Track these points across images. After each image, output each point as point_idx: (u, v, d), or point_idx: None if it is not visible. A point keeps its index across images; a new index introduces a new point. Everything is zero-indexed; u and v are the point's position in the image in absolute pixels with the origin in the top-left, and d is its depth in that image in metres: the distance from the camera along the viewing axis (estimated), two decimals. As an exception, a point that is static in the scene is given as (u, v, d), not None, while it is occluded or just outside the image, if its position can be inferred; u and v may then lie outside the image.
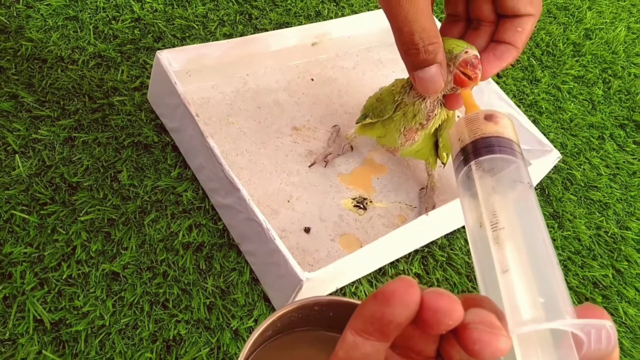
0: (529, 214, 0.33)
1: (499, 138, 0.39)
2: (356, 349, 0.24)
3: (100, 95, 0.61)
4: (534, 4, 0.46)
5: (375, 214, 0.62)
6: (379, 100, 0.58)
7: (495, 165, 0.37)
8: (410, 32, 0.44)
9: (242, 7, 0.77)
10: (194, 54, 0.61)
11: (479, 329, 0.22)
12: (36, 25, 0.65)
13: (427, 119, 0.55)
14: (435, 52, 0.45)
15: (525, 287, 0.27)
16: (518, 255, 0.29)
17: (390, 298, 0.23)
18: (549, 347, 0.25)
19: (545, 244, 0.30)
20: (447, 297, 0.23)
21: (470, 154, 0.38)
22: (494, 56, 0.49)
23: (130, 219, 0.54)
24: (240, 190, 0.51)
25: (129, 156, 0.58)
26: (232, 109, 0.65)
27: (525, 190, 0.35)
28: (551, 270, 0.28)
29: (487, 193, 0.35)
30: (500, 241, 0.30)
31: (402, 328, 0.23)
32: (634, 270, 0.67)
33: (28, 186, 0.53)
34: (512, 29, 0.48)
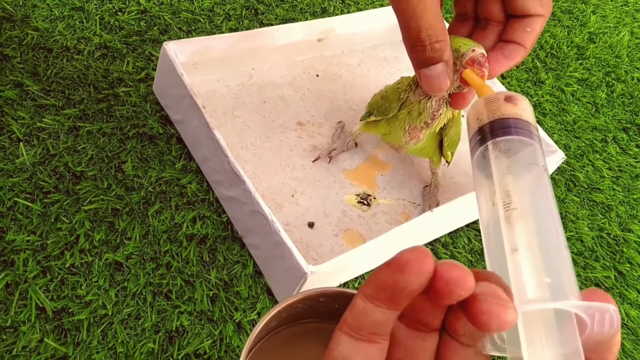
0: (542, 196, 0.33)
1: (518, 120, 0.39)
2: (366, 316, 0.24)
3: (105, 85, 0.61)
4: (544, 4, 0.46)
5: (378, 210, 0.62)
6: (383, 98, 0.58)
7: (512, 147, 0.37)
8: (417, 29, 0.44)
9: (249, 1, 0.77)
10: (200, 46, 0.61)
11: (487, 301, 0.22)
12: (42, 14, 0.65)
13: (433, 118, 0.54)
14: (441, 50, 0.45)
15: (532, 267, 0.28)
16: (528, 236, 0.30)
17: (405, 266, 0.23)
18: (552, 327, 0.25)
19: (556, 227, 0.31)
20: (460, 268, 0.23)
21: (488, 134, 0.38)
22: (502, 55, 0.48)
23: (134, 209, 0.54)
24: (245, 182, 0.51)
25: (133, 147, 0.58)
26: (237, 102, 0.65)
27: (540, 173, 0.35)
28: (560, 252, 0.29)
29: (502, 173, 0.35)
30: (512, 221, 0.31)
31: (413, 297, 0.24)
32: (636, 273, 0.67)
33: (32, 174, 0.53)
34: (521, 29, 0.48)
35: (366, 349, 0.25)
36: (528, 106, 0.39)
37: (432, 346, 0.26)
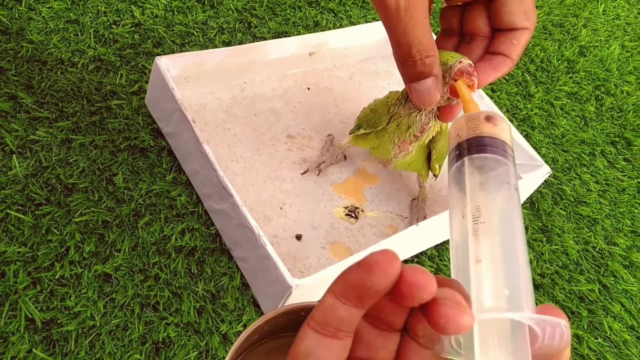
0: (510, 213, 0.35)
1: (494, 139, 0.40)
2: (333, 312, 0.25)
3: (98, 98, 0.62)
4: (529, 18, 0.48)
5: (366, 223, 0.63)
6: (373, 111, 0.59)
7: (487, 164, 0.39)
8: (408, 45, 0.45)
9: (242, 15, 0.78)
10: (192, 61, 0.62)
11: (446, 305, 0.24)
12: (37, 27, 0.66)
13: (422, 131, 0.55)
14: (431, 65, 0.46)
15: (493, 278, 0.29)
16: (492, 249, 0.31)
17: (374, 267, 0.24)
18: (505, 336, 0.26)
19: (519, 243, 0.32)
20: (424, 272, 0.24)
21: (465, 150, 0.40)
22: (489, 66, 0.50)
23: (124, 221, 0.55)
24: (233, 196, 0.52)
25: (124, 159, 0.59)
26: (229, 115, 0.66)
27: (510, 191, 0.37)
28: (521, 267, 0.30)
29: (475, 188, 0.37)
30: (479, 234, 0.32)
31: (378, 297, 0.25)
32: (620, 286, 0.68)
33: (24, 186, 0.54)
34: (507, 41, 0.49)
35: (330, 344, 0.26)
36: (506, 127, 0.41)
37: (393, 345, 0.28)
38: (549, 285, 0.65)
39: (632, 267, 0.71)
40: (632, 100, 0.94)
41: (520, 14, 0.47)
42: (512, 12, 0.47)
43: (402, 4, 0.42)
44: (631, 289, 0.68)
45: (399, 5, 0.42)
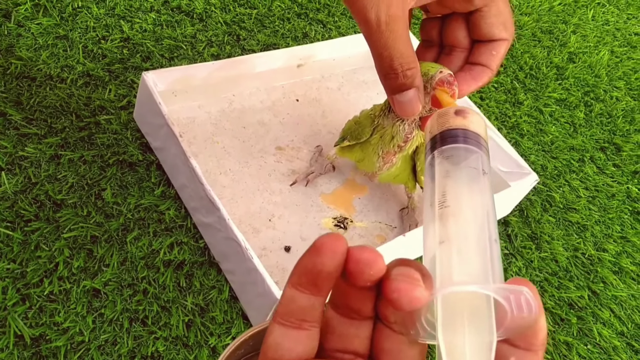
0: (475, 195, 0.35)
1: (465, 130, 0.41)
2: (293, 302, 0.26)
3: (87, 113, 0.63)
4: (507, 29, 0.48)
5: (355, 233, 0.64)
6: (357, 123, 0.60)
7: (454, 153, 0.40)
8: (389, 57, 0.45)
9: (231, 28, 0.78)
10: (179, 75, 0.63)
11: (397, 279, 0.24)
12: (26, 43, 0.67)
13: (405, 140, 0.56)
14: (413, 77, 0.47)
15: (455, 255, 0.29)
16: (456, 230, 0.32)
17: (320, 249, 0.25)
18: (469, 311, 0.26)
19: (485, 222, 0.33)
20: (370, 250, 0.25)
21: (436, 143, 0.41)
22: (470, 76, 0.50)
23: (112, 236, 0.55)
24: (220, 209, 0.52)
25: (113, 174, 0.59)
26: (217, 128, 0.67)
27: (477, 175, 0.38)
28: (486, 245, 0.30)
29: (442, 176, 0.38)
30: (443, 217, 0.33)
31: (332, 279, 0.25)
32: (610, 292, 0.68)
33: (13, 203, 0.54)
34: (487, 52, 0.49)
35: (296, 335, 0.26)
36: (478, 119, 0.42)
37: (366, 333, 0.28)
38: (538, 293, 0.65)
39: (621, 273, 0.71)
40: (622, 106, 0.94)
41: (498, 25, 0.47)
42: (491, 24, 0.47)
43: (382, 18, 0.42)
44: (621, 295, 0.69)
45: (379, 20, 0.43)
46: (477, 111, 0.43)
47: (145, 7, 0.76)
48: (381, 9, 0.42)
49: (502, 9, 0.47)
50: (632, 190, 0.82)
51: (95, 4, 0.74)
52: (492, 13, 0.47)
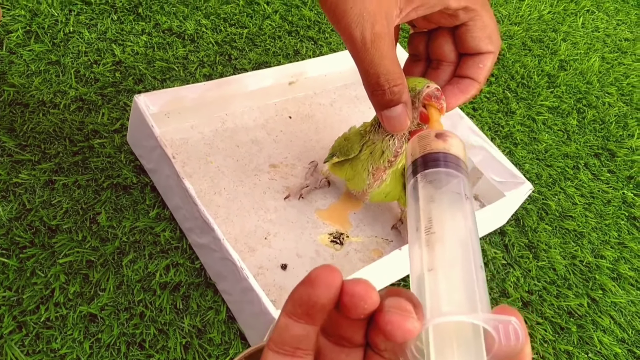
0: (460, 222, 0.36)
1: (446, 154, 0.42)
2: (287, 331, 0.26)
3: (80, 138, 0.63)
4: (493, 42, 0.49)
5: (351, 248, 0.64)
6: (346, 140, 0.60)
7: (437, 177, 0.41)
8: (376, 75, 0.46)
9: (222, 48, 0.79)
10: (171, 97, 0.63)
11: (391, 312, 0.24)
12: (19, 70, 0.67)
13: (395, 155, 0.56)
14: (400, 93, 0.47)
15: (444, 284, 0.30)
16: (443, 257, 0.32)
17: (315, 281, 0.25)
18: (460, 340, 0.27)
19: (471, 249, 0.33)
20: (364, 283, 0.25)
21: (418, 167, 0.42)
22: (458, 89, 0.51)
23: (108, 260, 0.55)
24: (214, 230, 0.52)
25: (108, 198, 0.59)
26: (211, 148, 0.67)
27: (461, 200, 0.38)
28: (473, 272, 0.31)
29: (426, 201, 0.39)
30: (430, 244, 0.34)
31: (326, 311, 0.25)
32: (609, 299, 0.68)
33: (8, 230, 0.55)
34: (474, 65, 0.50)
35: None
36: (457, 142, 0.42)
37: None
38: (537, 302, 0.65)
39: (620, 280, 0.71)
40: (614, 112, 0.95)
41: (484, 39, 0.48)
42: (477, 38, 0.48)
43: (368, 36, 0.43)
44: (620, 301, 0.68)
45: (365, 38, 0.43)
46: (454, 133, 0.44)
47: (137, 30, 0.77)
48: (366, 27, 0.42)
49: (487, 22, 0.47)
50: (628, 196, 0.82)
51: (87, 28, 0.74)
52: (478, 27, 0.47)
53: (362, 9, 0.42)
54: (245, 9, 0.86)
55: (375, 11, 0.42)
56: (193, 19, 0.81)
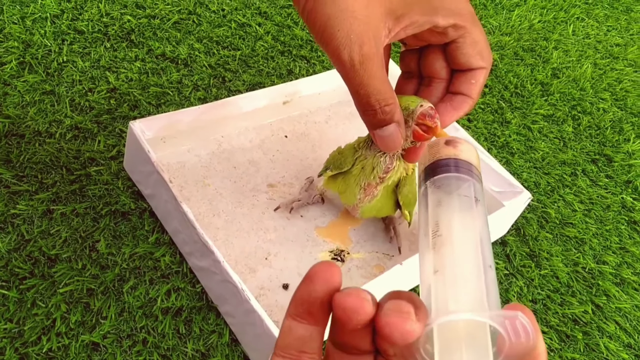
0: (467, 223, 0.36)
1: (456, 160, 0.42)
2: (291, 333, 0.26)
3: (77, 166, 0.63)
4: (484, 57, 0.49)
5: (353, 265, 0.63)
6: (340, 154, 0.60)
7: (445, 182, 0.41)
8: (366, 95, 0.46)
9: (216, 70, 0.79)
10: (166, 122, 0.63)
11: (388, 314, 0.24)
12: (13, 101, 0.67)
13: (386, 171, 0.57)
14: (392, 112, 0.47)
15: (449, 284, 0.30)
16: (449, 259, 0.32)
17: (313, 277, 0.26)
18: (466, 340, 0.26)
19: (479, 248, 0.33)
20: (355, 295, 0.25)
21: (428, 174, 0.42)
22: (451, 106, 0.51)
23: (109, 287, 0.55)
24: (214, 252, 0.52)
25: (106, 225, 0.59)
26: (208, 170, 0.67)
27: (470, 202, 0.38)
28: (480, 272, 0.31)
29: (434, 205, 0.38)
30: (437, 246, 0.33)
31: (327, 308, 0.26)
32: (613, 305, 0.68)
33: (7, 262, 0.54)
34: (466, 81, 0.50)
35: None
36: (468, 148, 0.42)
37: None
38: (541, 311, 0.65)
39: (623, 285, 0.71)
40: (609, 117, 0.95)
41: (475, 55, 0.48)
42: (468, 54, 0.48)
43: (356, 58, 0.43)
44: (624, 306, 0.68)
45: (353, 60, 0.43)
46: (466, 140, 0.44)
47: (130, 56, 0.77)
48: (354, 49, 0.42)
49: (476, 38, 0.47)
50: (627, 200, 0.82)
51: (80, 57, 0.75)
52: (468, 43, 0.47)
53: (349, 31, 0.42)
54: (238, 32, 0.86)
55: (362, 33, 0.42)
56: (186, 43, 0.81)
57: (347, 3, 0.42)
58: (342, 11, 0.42)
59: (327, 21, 0.42)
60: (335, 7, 0.42)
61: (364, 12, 0.42)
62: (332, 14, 0.42)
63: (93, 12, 0.81)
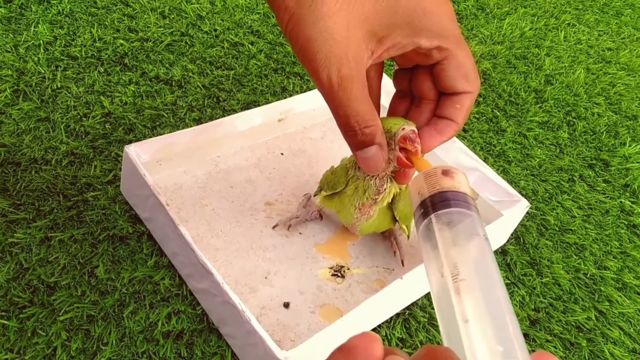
0: (487, 266, 0.36)
1: (456, 192, 0.42)
2: None
3: (74, 192, 0.63)
4: (470, 81, 0.48)
5: (353, 280, 0.63)
6: (333, 174, 0.60)
7: (453, 219, 0.41)
8: (346, 116, 0.46)
9: (210, 91, 0.80)
10: (162, 144, 0.63)
11: None
12: (9, 130, 0.67)
13: (377, 193, 0.57)
14: (372, 134, 0.47)
15: (484, 336, 0.30)
16: (477, 307, 0.32)
17: (352, 350, 0.25)
18: None
19: (502, 294, 0.33)
20: None
21: (430, 208, 0.42)
22: (435, 130, 0.50)
23: (109, 313, 0.55)
24: (213, 274, 0.52)
25: (105, 250, 0.59)
26: (205, 191, 0.67)
27: (482, 242, 0.38)
28: (508, 319, 0.31)
29: (448, 245, 0.38)
30: (461, 292, 0.33)
31: None
32: (616, 310, 0.68)
33: (6, 291, 0.54)
34: (451, 106, 0.49)
35: None
36: (464, 179, 0.42)
37: None
38: (545, 319, 0.65)
39: (625, 289, 0.70)
40: (604, 121, 0.95)
41: (459, 78, 0.47)
42: (452, 77, 0.47)
43: (334, 79, 0.43)
44: (628, 311, 0.68)
45: (331, 81, 0.43)
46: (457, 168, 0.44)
47: (124, 80, 0.77)
48: (332, 71, 0.42)
49: (462, 61, 0.47)
50: (626, 204, 0.82)
51: (74, 83, 0.75)
52: (452, 66, 0.47)
53: (328, 52, 0.42)
54: (230, 51, 0.87)
55: (341, 55, 0.42)
56: (179, 64, 0.82)
57: (327, 25, 0.41)
58: (321, 33, 0.42)
59: (307, 42, 0.42)
60: (316, 29, 0.42)
61: (344, 34, 0.42)
62: (312, 36, 0.42)
63: (86, 38, 0.81)
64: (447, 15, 0.45)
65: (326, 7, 0.41)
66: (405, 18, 0.43)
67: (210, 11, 0.93)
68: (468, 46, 0.48)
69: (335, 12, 0.41)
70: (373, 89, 0.53)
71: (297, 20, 0.42)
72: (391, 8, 0.43)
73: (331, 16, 0.41)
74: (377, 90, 0.53)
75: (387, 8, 0.43)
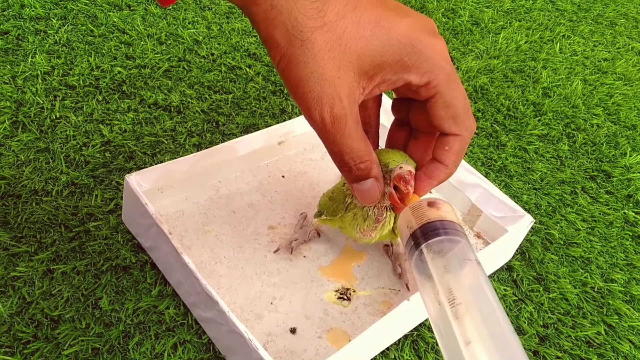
0: (480, 288, 0.36)
1: (443, 221, 0.43)
2: None
3: (76, 223, 0.63)
4: (459, 124, 0.47)
5: (360, 303, 0.63)
6: (331, 199, 0.60)
7: (444, 247, 0.41)
8: (340, 153, 0.46)
9: (209, 115, 0.79)
10: (162, 172, 0.63)
11: None
12: (8, 162, 0.67)
13: (377, 222, 0.56)
14: (367, 169, 0.47)
15: (488, 356, 0.30)
16: (477, 328, 0.32)
17: None
18: None
19: (500, 314, 0.33)
20: None
21: (420, 238, 0.42)
22: (424, 175, 0.50)
23: (114, 345, 0.54)
24: (219, 303, 0.52)
25: (108, 281, 0.58)
26: (207, 217, 0.67)
27: (474, 267, 0.39)
28: (508, 337, 0.31)
29: (441, 272, 0.39)
30: (460, 316, 0.33)
31: None
32: (626, 323, 0.67)
33: (10, 326, 0.54)
34: (440, 147, 0.48)
35: None
36: (449, 208, 0.43)
37: None
38: (554, 335, 0.64)
39: (633, 302, 0.70)
40: (603, 132, 0.95)
41: (447, 119, 0.46)
42: (439, 117, 0.46)
43: (327, 118, 0.43)
44: (637, 324, 0.67)
45: (324, 120, 0.43)
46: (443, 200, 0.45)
47: (123, 108, 0.77)
48: (324, 110, 0.42)
49: (449, 101, 0.45)
50: (629, 215, 0.81)
51: (73, 112, 0.75)
52: (439, 105, 0.45)
53: (320, 92, 0.42)
54: (228, 75, 0.87)
55: (333, 94, 0.42)
56: (177, 90, 0.82)
57: (318, 65, 0.41)
58: (312, 74, 0.41)
59: (299, 82, 0.42)
60: (307, 70, 0.41)
61: (334, 75, 0.42)
62: (304, 76, 0.42)
63: (83, 66, 0.82)
64: (438, 52, 0.44)
65: (317, 48, 0.41)
66: (395, 56, 0.43)
67: (206, 35, 0.93)
68: (462, 84, 0.47)
69: (326, 52, 0.41)
70: (371, 118, 0.53)
71: (288, 60, 0.41)
72: (383, 47, 0.42)
73: (322, 56, 0.41)
74: (376, 120, 0.53)
75: (379, 47, 0.42)
